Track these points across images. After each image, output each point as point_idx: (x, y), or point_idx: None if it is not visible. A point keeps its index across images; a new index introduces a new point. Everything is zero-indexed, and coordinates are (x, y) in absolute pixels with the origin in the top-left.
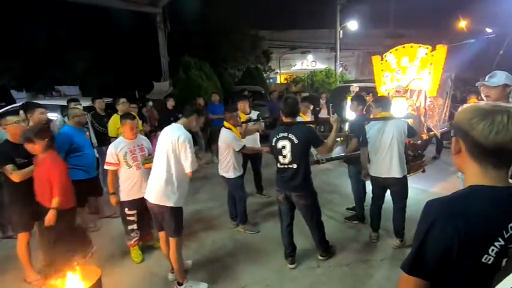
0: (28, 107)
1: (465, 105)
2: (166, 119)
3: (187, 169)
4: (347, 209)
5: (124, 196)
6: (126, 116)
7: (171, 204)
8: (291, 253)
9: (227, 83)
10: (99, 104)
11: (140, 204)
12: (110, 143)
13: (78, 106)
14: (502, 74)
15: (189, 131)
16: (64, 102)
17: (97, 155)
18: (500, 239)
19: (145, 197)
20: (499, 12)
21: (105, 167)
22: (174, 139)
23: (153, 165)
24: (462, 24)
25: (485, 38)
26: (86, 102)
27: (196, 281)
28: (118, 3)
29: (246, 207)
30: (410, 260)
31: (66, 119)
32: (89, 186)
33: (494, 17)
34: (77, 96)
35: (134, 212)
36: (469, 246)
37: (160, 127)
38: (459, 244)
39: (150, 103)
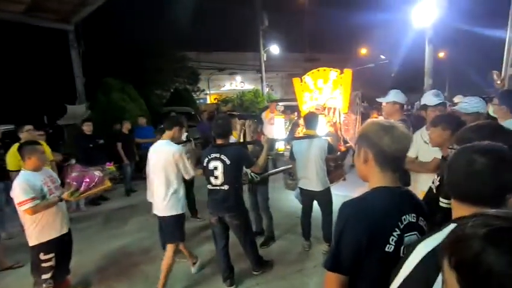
0: None
1: (368, 120)
2: (84, 145)
3: (187, 177)
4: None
5: (38, 238)
6: (32, 143)
7: (175, 213)
8: (229, 275)
9: (155, 104)
10: None
11: (60, 244)
12: (9, 178)
13: None
14: (392, 92)
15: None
16: None
17: None
18: (397, 229)
19: (155, 213)
20: (389, 42)
21: (23, 207)
22: (169, 154)
23: (152, 182)
24: (363, 51)
25: (380, 63)
26: None
27: None
28: (20, 17)
29: None
30: (330, 257)
31: None
32: None
33: (386, 45)
34: None
35: (52, 255)
36: (375, 239)
37: (77, 154)
38: (367, 238)
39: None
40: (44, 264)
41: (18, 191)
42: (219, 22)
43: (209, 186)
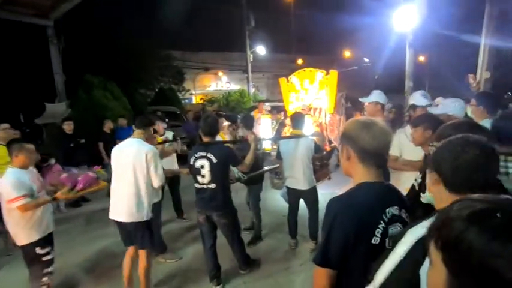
0: None
1: (349, 120)
2: (64, 144)
3: (156, 184)
4: (244, 229)
5: (28, 237)
6: (18, 141)
7: (140, 220)
8: (216, 274)
9: (139, 103)
10: None
11: (52, 239)
12: None
13: None
14: (375, 93)
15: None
16: None
17: None
18: (382, 222)
19: (113, 218)
20: (372, 45)
21: (16, 204)
22: (141, 154)
23: (117, 183)
24: (347, 53)
25: (364, 65)
26: None
27: None
28: None
29: (161, 235)
30: (320, 253)
31: None
32: None
33: (369, 48)
34: None
35: (49, 248)
36: (361, 232)
37: (57, 154)
38: (354, 232)
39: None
40: (44, 258)
41: (9, 187)
42: (205, 22)
43: (196, 185)
